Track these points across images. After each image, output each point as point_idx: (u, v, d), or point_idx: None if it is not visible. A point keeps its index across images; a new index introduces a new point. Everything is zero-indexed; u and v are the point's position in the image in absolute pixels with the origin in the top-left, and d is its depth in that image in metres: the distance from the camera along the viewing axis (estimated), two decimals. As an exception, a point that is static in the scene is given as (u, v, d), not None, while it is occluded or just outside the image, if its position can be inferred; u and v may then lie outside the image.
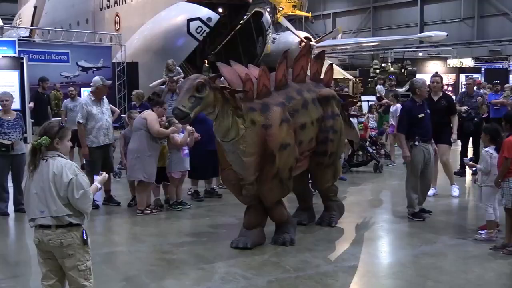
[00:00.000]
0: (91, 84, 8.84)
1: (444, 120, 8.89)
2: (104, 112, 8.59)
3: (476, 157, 10.77)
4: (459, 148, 11.53)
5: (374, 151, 12.25)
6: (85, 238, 4.14)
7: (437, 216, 7.91)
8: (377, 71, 26.65)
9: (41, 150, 4.08)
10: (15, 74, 17.53)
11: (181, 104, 5.63)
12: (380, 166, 11.80)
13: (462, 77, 29.70)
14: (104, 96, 8.81)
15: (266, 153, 6.12)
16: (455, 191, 9.24)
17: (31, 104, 12.76)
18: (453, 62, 33.41)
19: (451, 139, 8.99)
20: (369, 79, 26.75)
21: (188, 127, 8.05)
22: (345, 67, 36.37)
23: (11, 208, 8.31)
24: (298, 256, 6.21)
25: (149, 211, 8.16)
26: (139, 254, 6.37)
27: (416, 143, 7.61)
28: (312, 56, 7.78)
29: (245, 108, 6.07)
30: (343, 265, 6.00)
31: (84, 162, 9.28)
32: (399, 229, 7.43)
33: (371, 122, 13.19)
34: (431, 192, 8.76)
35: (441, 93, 9.10)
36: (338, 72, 25.79)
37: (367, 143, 12.04)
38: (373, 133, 12.90)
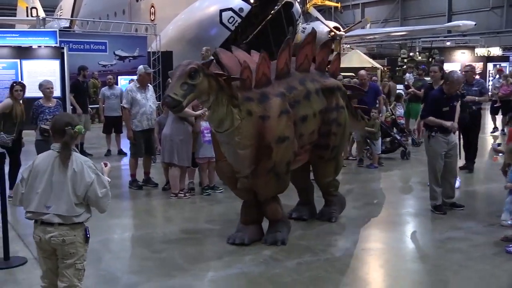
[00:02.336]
0: (137, 72, 9.33)
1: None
2: (148, 99, 9.06)
3: (471, 151, 10.25)
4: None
5: (403, 138, 12.38)
6: (88, 236, 3.99)
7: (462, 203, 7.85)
8: (405, 60, 26.62)
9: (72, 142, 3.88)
10: (56, 63, 18.11)
11: (173, 92, 5.23)
12: (408, 153, 11.87)
13: (490, 66, 29.56)
14: (149, 84, 9.32)
15: (262, 145, 5.77)
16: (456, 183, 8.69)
17: (71, 97, 13.21)
18: (481, 51, 32.95)
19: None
20: (397, 68, 26.67)
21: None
22: (373, 56, 36.28)
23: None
24: (327, 239, 6.37)
25: (182, 195, 8.39)
26: (173, 236, 6.59)
27: (434, 133, 7.35)
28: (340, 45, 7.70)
29: (242, 97, 5.70)
30: (370, 249, 6.14)
31: (123, 147, 9.60)
32: (425, 215, 7.46)
33: (398, 110, 13.32)
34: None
35: (441, 82, 8.45)
36: (366, 61, 25.79)
37: (395, 131, 12.15)
38: (401, 121, 13.02)
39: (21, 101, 8.45)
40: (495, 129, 16.32)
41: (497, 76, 20.28)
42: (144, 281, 5.14)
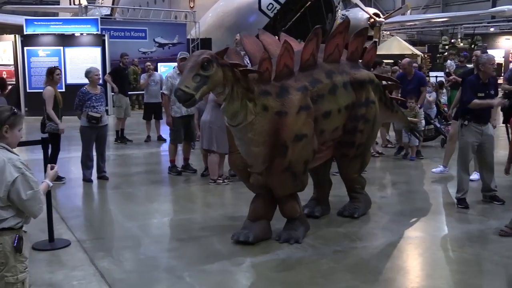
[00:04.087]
0: (177, 59, 9.44)
1: None
2: None
3: None
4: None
5: (443, 127, 12.15)
6: (16, 246, 3.45)
7: (505, 192, 7.66)
8: (446, 47, 26.07)
9: None
10: (98, 50, 18.48)
11: (184, 85, 4.91)
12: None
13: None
14: None
15: (277, 143, 5.39)
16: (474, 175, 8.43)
17: (107, 76, 13.44)
18: (527, 37, 31.96)
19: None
20: (438, 55, 26.15)
21: None
22: (413, 43, 35.65)
23: (94, 175, 8.89)
24: (364, 227, 6.35)
25: (221, 181, 8.45)
26: (211, 222, 6.65)
27: (466, 122, 6.98)
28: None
29: (258, 91, 5.30)
30: (408, 237, 6.09)
31: (163, 133, 9.72)
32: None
33: (443, 98, 13.08)
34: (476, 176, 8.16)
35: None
36: (406, 48, 25.43)
37: (436, 118, 11.95)
38: (446, 109, 12.78)
39: None
40: None
41: None
42: (183, 265, 5.22)
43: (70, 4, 36.88)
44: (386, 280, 4.93)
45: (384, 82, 7.14)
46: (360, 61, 6.59)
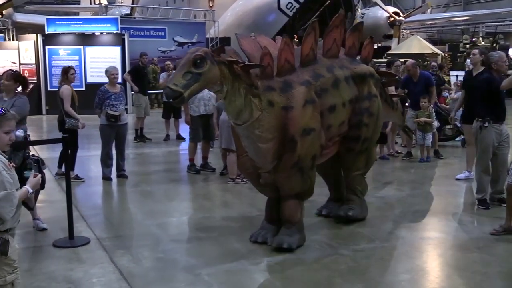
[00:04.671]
0: None
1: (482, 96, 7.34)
2: None
3: None
4: None
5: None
6: (0, 249, 3.34)
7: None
8: (467, 45, 25.74)
9: None
10: (117, 49, 18.59)
11: (173, 82, 4.79)
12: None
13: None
14: None
15: (285, 139, 5.29)
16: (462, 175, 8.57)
17: (126, 75, 13.57)
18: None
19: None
20: (459, 54, 25.85)
21: None
22: (433, 42, 35.22)
23: (114, 173, 8.95)
24: (384, 227, 6.31)
25: (239, 180, 8.44)
26: (230, 221, 6.66)
27: (486, 124, 6.86)
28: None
29: (262, 86, 5.22)
30: (428, 237, 6.05)
31: (182, 132, 9.73)
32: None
33: None
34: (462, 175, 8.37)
35: (482, 68, 7.91)
36: (426, 47, 25.18)
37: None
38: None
39: None
40: None
41: None
42: (201, 264, 5.23)
43: (91, 4, 37.21)
44: (405, 281, 4.89)
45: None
46: (358, 57, 6.49)
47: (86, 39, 19.13)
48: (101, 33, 19.51)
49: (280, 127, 5.27)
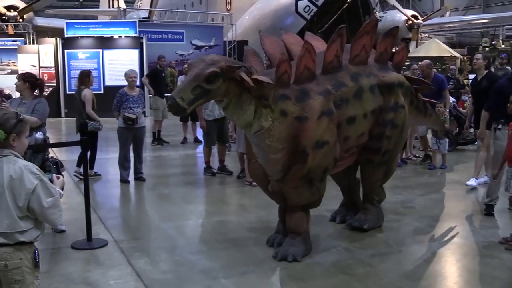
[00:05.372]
0: None
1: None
2: None
3: None
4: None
5: None
6: (37, 260, 3.29)
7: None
8: (487, 49, 25.48)
9: None
10: (135, 52, 18.71)
11: (180, 96, 4.58)
12: (488, 144, 11.37)
13: None
14: None
15: (297, 150, 5.07)
16: (472, 182, 8.33)
17: (144, 79, 13.71)
18: None
19: None
20: (478, 57, 25.58)
21: None
22: (452, 45, 34.98)
23: (131, 176, 9.00)
24: (401, 232, 6.27)
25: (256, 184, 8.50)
26: (247, 224, 6.65)
27: (500, 126, 6.63)
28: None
29: (276, 95, 4.97)
30: (446, 242, 5.99)
31: (199, 135, 9.81)
32: (503, 208, 7.14)
33: None
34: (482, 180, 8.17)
35: (484, 72, 7.91)
36: (445, 50, 25.00)
37: None
38: None
39: None
40: None
41: None
42: (218, 267, 5.24)
43: (109, 7, 37.53)
44: (423, 286, 4.86)
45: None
46: (390, 63, 6.20)
47: (105, 43, 19.29)
48: (120, 36, 19.66)
49: (291, 137, 5.05)
